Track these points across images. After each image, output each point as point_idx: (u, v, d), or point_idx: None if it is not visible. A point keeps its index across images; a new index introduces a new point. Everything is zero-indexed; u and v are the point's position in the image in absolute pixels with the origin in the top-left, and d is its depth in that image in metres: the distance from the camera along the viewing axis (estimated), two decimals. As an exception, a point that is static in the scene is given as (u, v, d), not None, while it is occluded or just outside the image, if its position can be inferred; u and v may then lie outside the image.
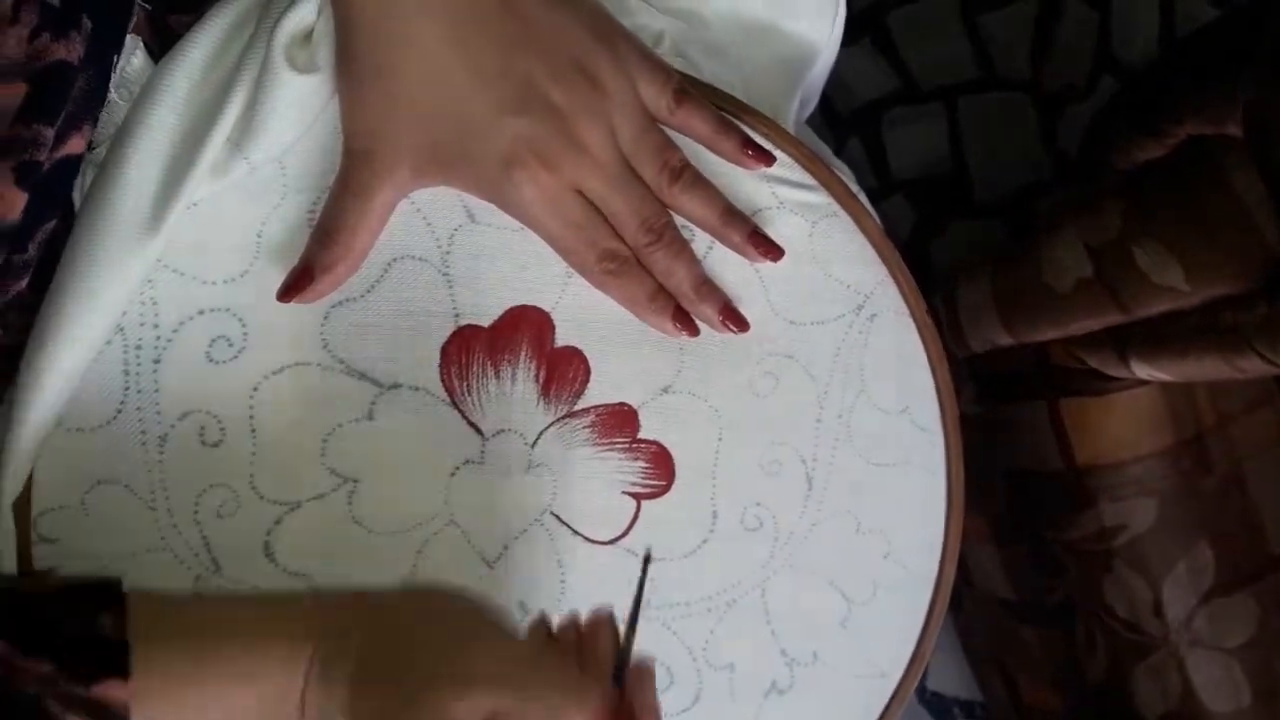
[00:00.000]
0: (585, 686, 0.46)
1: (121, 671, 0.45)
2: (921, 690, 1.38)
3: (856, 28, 1.37)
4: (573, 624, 0.51)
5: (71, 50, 0.46)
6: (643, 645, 0.57)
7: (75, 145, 0.49)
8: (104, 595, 0.47)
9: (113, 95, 0.52)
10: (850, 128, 1.39)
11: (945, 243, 1.38)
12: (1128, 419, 0.95)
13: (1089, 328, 0.91)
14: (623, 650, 0.49)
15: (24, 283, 0.50)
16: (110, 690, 0.44)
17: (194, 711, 0.46)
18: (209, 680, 0.46)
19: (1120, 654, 1.02)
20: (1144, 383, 0.92)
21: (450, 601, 0.52)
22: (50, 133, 0.46)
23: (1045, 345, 0.96)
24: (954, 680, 1.37)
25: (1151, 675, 1.00)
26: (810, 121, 0.69)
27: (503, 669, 0.46)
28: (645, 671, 0.49)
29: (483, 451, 0.56)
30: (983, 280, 0.98)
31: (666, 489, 0.58)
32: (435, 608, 0.51)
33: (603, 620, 0.50)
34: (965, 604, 1.23)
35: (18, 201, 0.45)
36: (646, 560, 0.56)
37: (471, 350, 0.55)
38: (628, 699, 0.47)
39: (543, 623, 0.53)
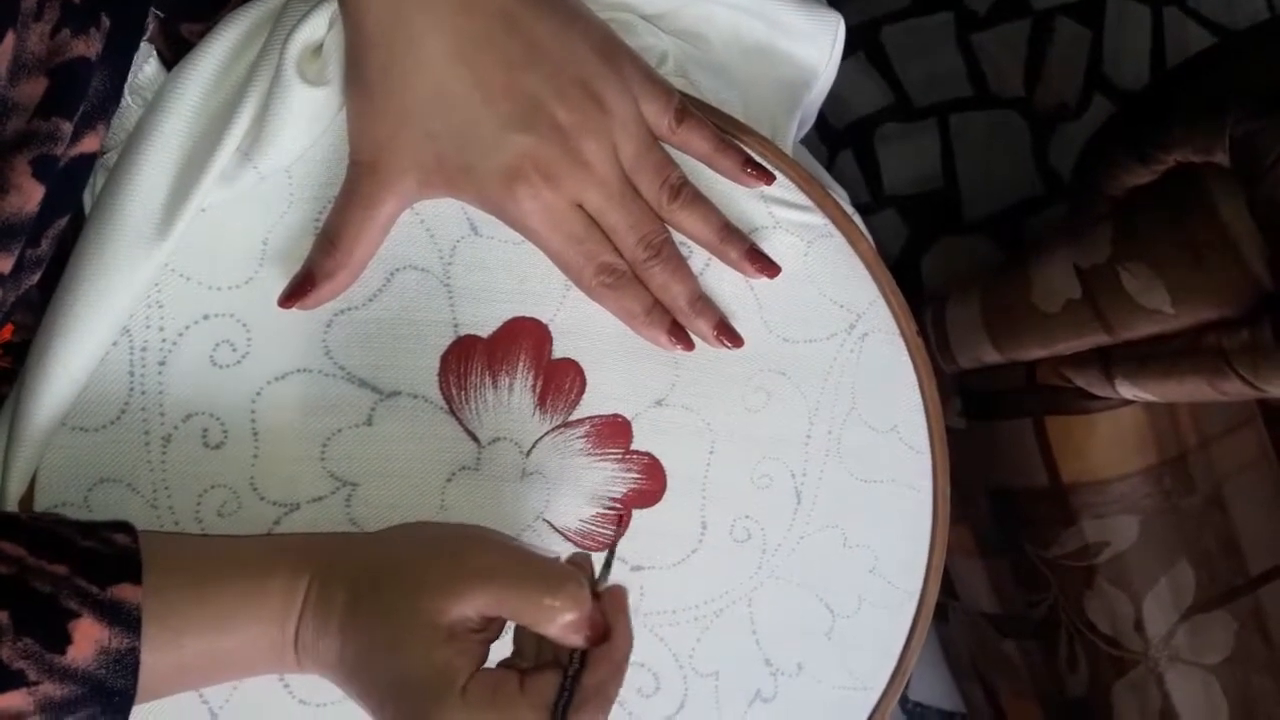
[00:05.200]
0: (571, 580, 0.48)
1: (135, 577, 0.46)
2: (904, 700, 1.39)
3: (851, 43, 1.38)
4: (555, 557, 0.53)
5: (90, 47, 0.47)
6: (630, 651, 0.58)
7: (90, 144, 0.50)
8: (117, 524, 0.49)
9: (126, 100, 0.53)
10: (843, 142, 1.40)
11: (936, 258, 1.39)
12: (1112, 438, 0.96)
13: (1076, 347, 0.92)
14: (602, 571, 0.52)
15: (35, 278, 0.50)
16: (124, 591, 0.46)
17: (195, 637, 0.47)
18: (211, 601, 0.48)
19: (1101, 669, 1.03)
20: (1128, 402, 0.93)
21: (436, 525, 0.54)
22: (68, 127, 0.47)
23: (1032, 363, 0.97)
24: (937, 691, 1.38)
25: (1132, 690, 1.01)
26: (804, 136, 0.70)
27: (493, 567, 0.48)
28: (620, 589, 0.51)
29: (478, 459, 0.57)
30: (972, 298, 0.99)
31: (658, 499, 0.59)
32: (422, 530, 0.53)
33: (583, 556, 0.52)
34: (949, 616, 1.24)
35: (35, 194, 0.46)
36: (621, 517, 0.58)
37: (470, 360, 0.56)
38: (603, 603, 0.49)
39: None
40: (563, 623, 0.47)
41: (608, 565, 0.53)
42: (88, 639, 0.45)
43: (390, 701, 0.47)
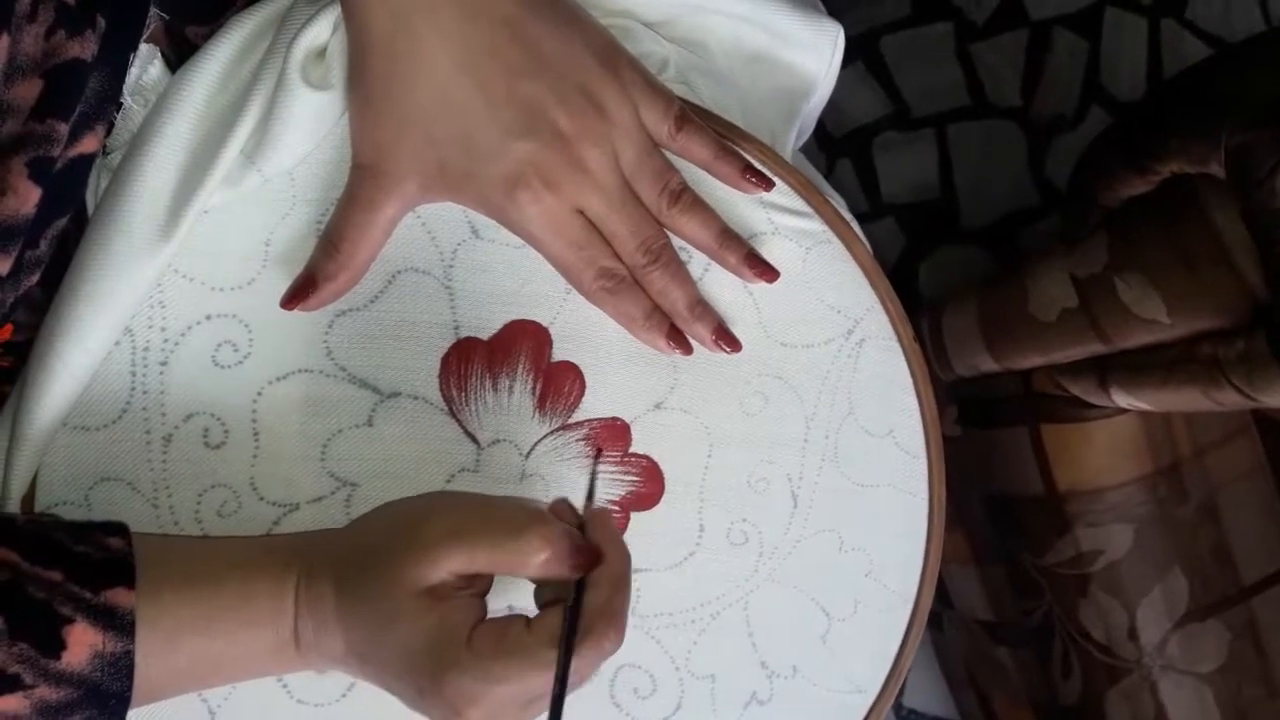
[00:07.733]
0: (535, 521, 0.48)
1: (128, 581, 0.47)
2: (898, 707, 1.39)
3: (850, 51, 1.38)
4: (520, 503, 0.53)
5: (85, 48, 0.47)
6: (628, 653, 0.58)
7: (88, 145, 0.50)
8: (110, 526, 0.49)
9: (130, 102, 0.54)
10: (841, 150, 1.41)
11: (933, 267, 1.39)
12: (1107, 446, 0.96)
13: (1072, 356, 0.93)
14: (585, 502, 0.53)
15: (35, 279, 0.51)
16: (118, 596, 0.46)
17: (187, 639, 0.48)
18: (200, 603, 0.49)
19: (1095, 677, 1.03)
20: (1124, 411, 0.94)
21: (402, 501, 0.54)
22: (64, 129, 0.47)
23: (1028, 372, 0.98)
24: (931, 698, 1.38)
25: (1125, 699, 1.02)
26: (803, 144, 0.71)
27: (457, 526, 0.49)
28: (601, 511, 0.52)
29: (478, 460, 0.57)
30: (969, 306, 1.00)
31: (656, 502, 0.60)
32: (389, 509, 0.53)
33: (562, 502, 0.53)
34: (944, 624, 1.25)
35: (31, 196, 0.46)
36: (599, 452, 0.59)
37: (470, 362, 0.57)
38: (589, 529, 0.50)
39: None
40: (538, 562, 0.47)
41: (590, 495, 0.53)
42: (82, 644, 0.45)
43: (405, 675, 0.48)
